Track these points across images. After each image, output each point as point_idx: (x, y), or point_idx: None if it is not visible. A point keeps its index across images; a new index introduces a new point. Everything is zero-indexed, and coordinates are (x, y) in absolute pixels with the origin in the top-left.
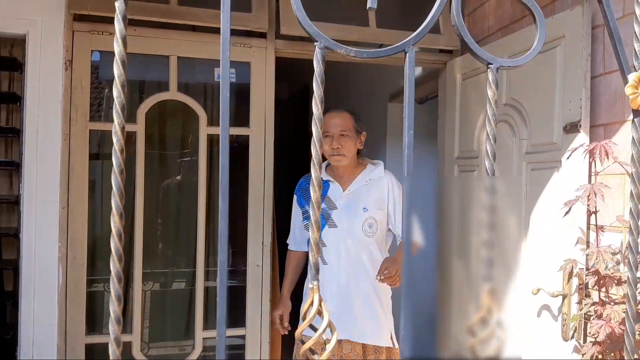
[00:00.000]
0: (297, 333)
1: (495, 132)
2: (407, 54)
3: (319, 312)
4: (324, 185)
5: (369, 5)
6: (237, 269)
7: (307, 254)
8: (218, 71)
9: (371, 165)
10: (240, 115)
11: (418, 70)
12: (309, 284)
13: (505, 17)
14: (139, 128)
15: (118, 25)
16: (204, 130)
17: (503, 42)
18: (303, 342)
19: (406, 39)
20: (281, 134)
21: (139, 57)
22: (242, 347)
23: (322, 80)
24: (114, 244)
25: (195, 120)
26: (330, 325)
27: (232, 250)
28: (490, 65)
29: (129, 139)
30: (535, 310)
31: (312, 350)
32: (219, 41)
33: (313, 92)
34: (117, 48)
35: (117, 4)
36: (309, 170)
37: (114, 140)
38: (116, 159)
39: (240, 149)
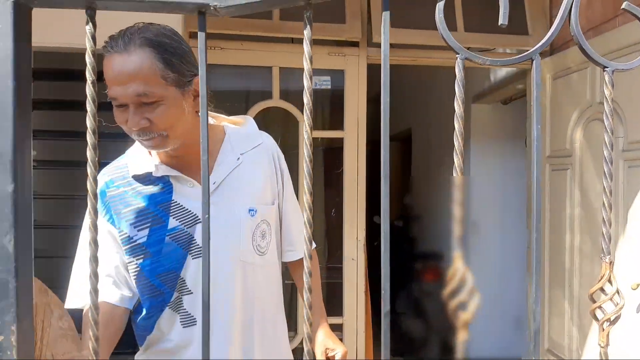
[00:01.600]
0: None
1: (612, 126)
2: (534, 62)
3: None
4: (160, 185)
5: (500, 22)
6: (331, 265)
7: (126, 305)
8: (316, 79)
9: (231, 126)
10: (335, 120)
11: (502, 72)
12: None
13: (596, 17)
14: None
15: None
16: (304, 134)
17: (594, 42)
18: None
19: (532, 49)
20: (372, 135)
21: (245, 69)
22: (340, 334)
23: (463, 84)
24: None
25: (295, 124)
26: None
27: (327, 245)
28: (606, 69)
29: None
30: (635, 305)
31: None
32: (314, 52)
33: (390, 93)
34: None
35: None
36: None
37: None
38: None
39: (335, 151)
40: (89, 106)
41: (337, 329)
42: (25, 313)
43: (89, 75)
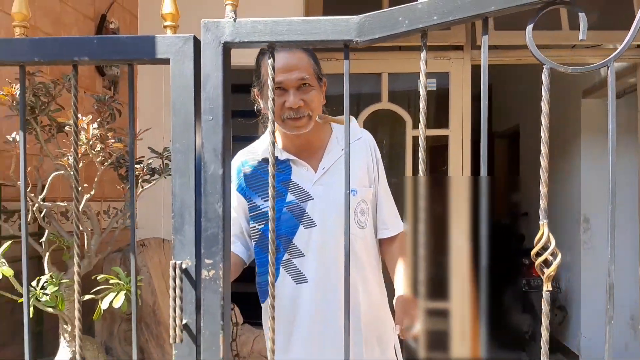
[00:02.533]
0: None
1: None
2: (609, 69)
3: None
4: (282, 167)
5: (580, 38)
6: None
7: (244, 260)
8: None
9: (336, 125)
10: (440, 118)
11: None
12: (267, 313)
13: None
14: None
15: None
16: (410, 133)
17: None
18: None
19: (608, 57)
20: (474, 134)
21: (357, 76)
22: None
23: (549, 89)
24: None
25: (402, 124)
26: None
27: None
28: None
29: None
30: None
31: None
32: (420, 57)
33: (496, 91)
34: (270, 93)
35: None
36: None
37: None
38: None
39: (440, 148)
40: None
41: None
42: (227, 256)
43: (270, 93)
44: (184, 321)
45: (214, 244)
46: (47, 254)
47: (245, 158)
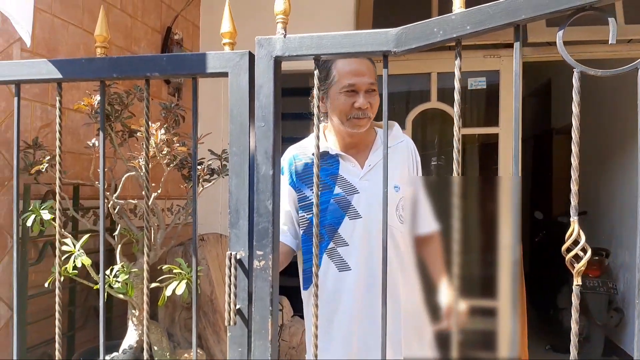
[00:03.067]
0: None
1: None
2: None
3: None
4: (330, 162)
5: (610, 42)
6: None
7: (293, 248)
8: (471, 80)
9: (379, 129)
10: (491, 117)
11: None
12: (310, 299)
13: None
14: (407, 133)
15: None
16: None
17: None
18: None
19: (638, 60)
20: (533, 130)
21: (406, 77)
22: None
23: (579, 92)
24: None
25: (451, 122)
26: None
27: None
28: None
29: None
30: None
31: None
32: (470, 56)
33: (555, 85)
34: (316, 100)
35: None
36: (564, 165)
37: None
38: None
39: (490, 146)
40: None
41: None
42: (276, 247)
43: (316, 100)
44: (238, 306)
45: (265, 237)
46: (119, 246)
47: (296, 152)
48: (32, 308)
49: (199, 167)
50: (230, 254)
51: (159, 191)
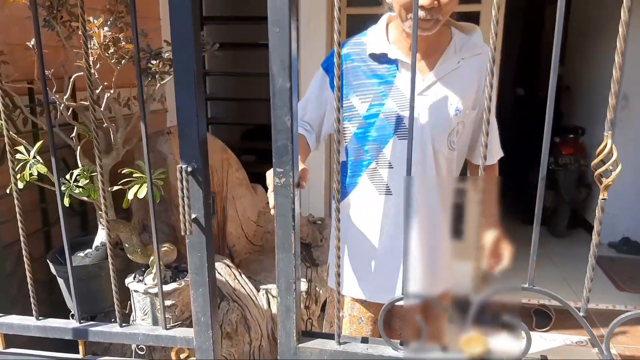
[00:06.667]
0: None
1: None
2: None
3: None
4: (388, 67)
5: None
6: None
7: (311, 147)
8: None
9: (457, 31)
10: None
11: None
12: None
13: None
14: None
15: None
16: None
17: None
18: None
19: None
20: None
21: None
22: None
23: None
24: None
25: None
26: None
27: None
28: None
29: None
30: None
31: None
32: None
33: None
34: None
35: None
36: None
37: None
38: None
39: None
40: None
41: None
42: (296, 165)
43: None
44: (194, 215)
45: (284, 154)
46: (79, 147)
47: (350, 51)
48: (2, 208)
49: (154, 61)
50: (181, 167)
51: (111, 91)
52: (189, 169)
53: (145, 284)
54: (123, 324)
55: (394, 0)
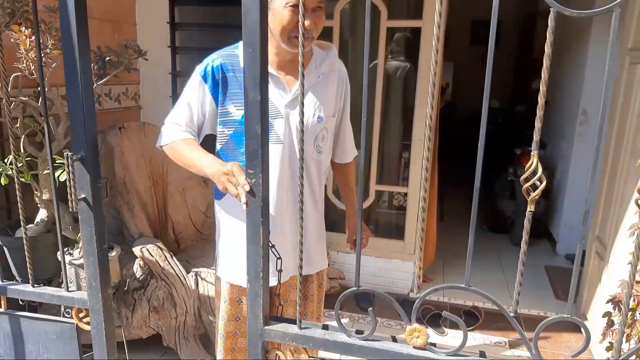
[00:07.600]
0: None
1: None
2: (614, 13)
3: None
4: None
5: None
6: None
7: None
8: None
9: (316, 48)
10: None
11: None
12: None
13: None
14: (335, 23)
15: None
16: (384, 24)
17: None
18: None
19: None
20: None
21: None
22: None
23: (553, 31)
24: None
25: (377, 15)
26: None
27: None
28: None
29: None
30: None
31: None
32: None
33: None
34: None
35: None
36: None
37: None
38: None
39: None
40: None
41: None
42: (265, 167)
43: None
44: (83, 195)
45: (255, 158)
46: (23, 137)
47: (225, 62)
48: None
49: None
50: (68, 155)
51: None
52: (75, 157)
53: (72, 256)
54: (35, 285)
55: (274, 26)
